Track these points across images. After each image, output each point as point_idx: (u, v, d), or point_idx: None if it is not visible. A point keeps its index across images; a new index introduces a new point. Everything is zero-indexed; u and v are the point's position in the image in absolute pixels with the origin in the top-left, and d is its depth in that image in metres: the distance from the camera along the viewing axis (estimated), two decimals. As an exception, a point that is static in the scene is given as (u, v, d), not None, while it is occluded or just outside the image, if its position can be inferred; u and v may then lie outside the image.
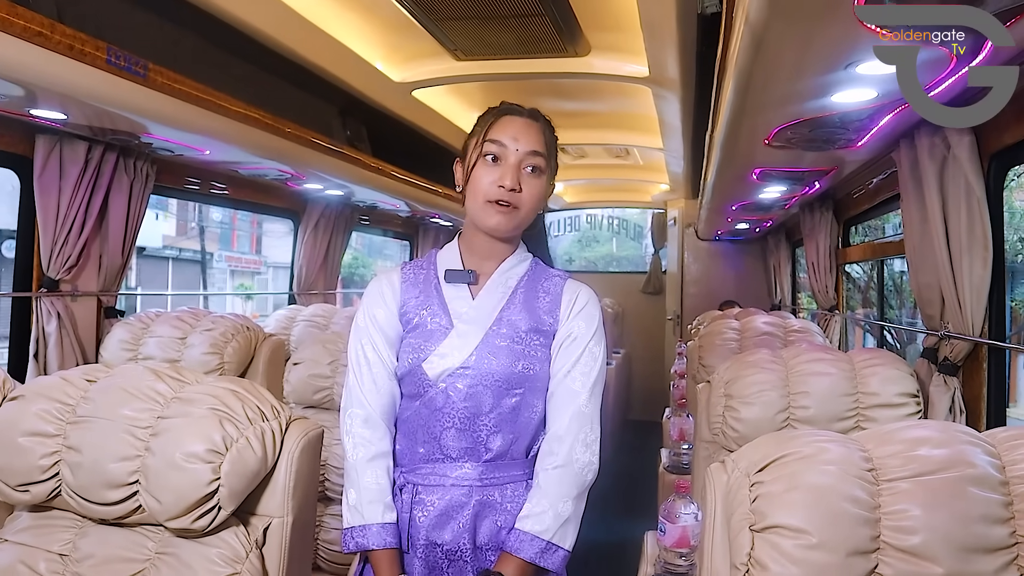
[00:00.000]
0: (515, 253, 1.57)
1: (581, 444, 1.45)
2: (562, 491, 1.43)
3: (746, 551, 1.17)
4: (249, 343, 3.19)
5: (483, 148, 1.49)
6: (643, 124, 5.09)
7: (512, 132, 1.48)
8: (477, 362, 1.46)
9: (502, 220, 1.47)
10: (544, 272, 1.58)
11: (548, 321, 1.51)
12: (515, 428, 1.47)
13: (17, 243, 3.13)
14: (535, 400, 1.49)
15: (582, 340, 1.50)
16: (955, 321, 2.29)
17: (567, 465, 1.44)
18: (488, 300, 1.51)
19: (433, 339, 1.48)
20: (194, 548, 1.42)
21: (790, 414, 2.19)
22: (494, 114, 1.52)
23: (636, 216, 9.74)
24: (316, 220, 5.14)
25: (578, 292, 1.54)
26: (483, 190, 1.47)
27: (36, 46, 2.08)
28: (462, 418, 1.45)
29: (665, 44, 3.16)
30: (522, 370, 1.46)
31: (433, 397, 1.46)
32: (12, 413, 1.49)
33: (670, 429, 3.55)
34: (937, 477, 1.13)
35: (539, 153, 1.49)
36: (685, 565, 1.99)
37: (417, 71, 3.98)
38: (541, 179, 1.50)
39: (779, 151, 2.90)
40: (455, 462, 1.46)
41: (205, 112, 2.82)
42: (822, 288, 4.56)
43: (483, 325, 1.48)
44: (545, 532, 1.41)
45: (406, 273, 1.58)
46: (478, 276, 1.54)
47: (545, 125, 1.54)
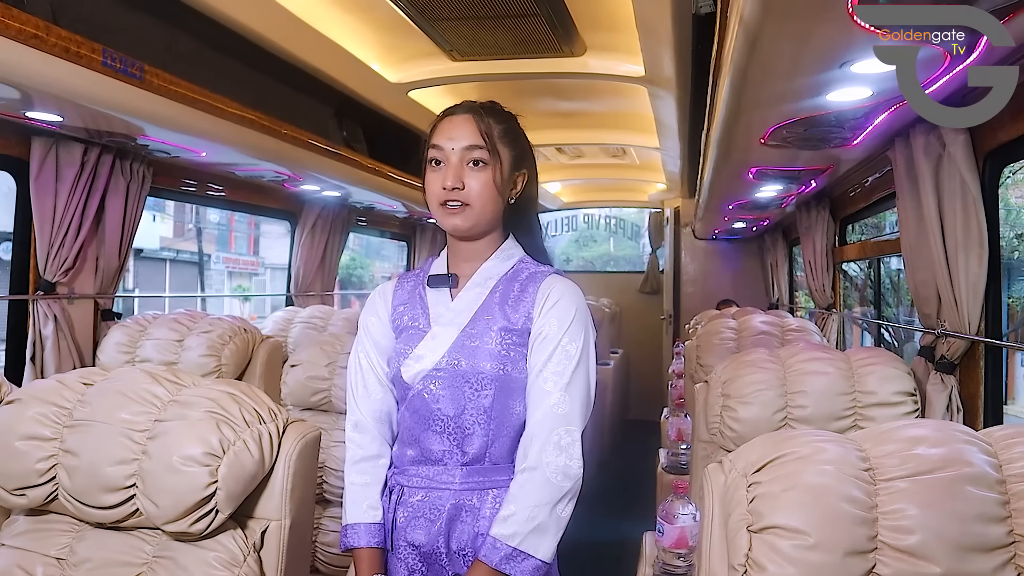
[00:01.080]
0: (498, 252, 1.54)
1: (553, 447, 1.39)
2: (532, 496, 1.38)
3: (744, 552, 1.17)
4: (247, 345, 3.19)
5: (427, 154, 1.50)
6: (639, 124, 5.09)
7: (448, 132, 1.47)
8: (448, 363, 1.45)
9: (457, 220, 1.47)
10: (528, 268, 1.54)
11: (521, 320, 1.47)
12: (491, 430, 1.45)
13: (13, 246, 3.12)
14: (510, 401, 1.45)
15: (553, 338, 1.44)
16: (952, 319, 2.29)
17: (536, 468, 1.39)
18: (464, 301, 1.51)
19: (412, 343, 1.50)
20: (192, 551, 1.42)
21: (788, 413, 2.19)
22: (437, 119, 1.53)
23: (634, 216, 9.75)
24: (313, 221, 5.14)
25: (552, 288, 1.48)
26: (434, 194, 1.48)
27: (31, 48, 2.08)
28: (439, 420, 1.45)
29: (661, 44, 3.16)
30: (492, 369, 1.43)
31: (412, 399, 1.47)
32: (9, 417, 1.49)
33: (668, 429, 3.56)
34: (934, 476, 1.13)
35: (477, 146, 1.46)
36: (683, 566, 1.99)
37: (413, 72, 3.98)
38: (486, 170, 1.46)
39: (775, 150, 2.90)
40: (436, 465, 1.47)
41: (201, 114, 2.82)
42: (819, 287, 4.57)
43: (458, 326, 1.48)
44: (511, 538, 1.36)
45: (400, 282, 1.61)
46: (459, 279, 1.54)
47: (483, 116, 1.49)
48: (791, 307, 6.28)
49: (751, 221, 5.89)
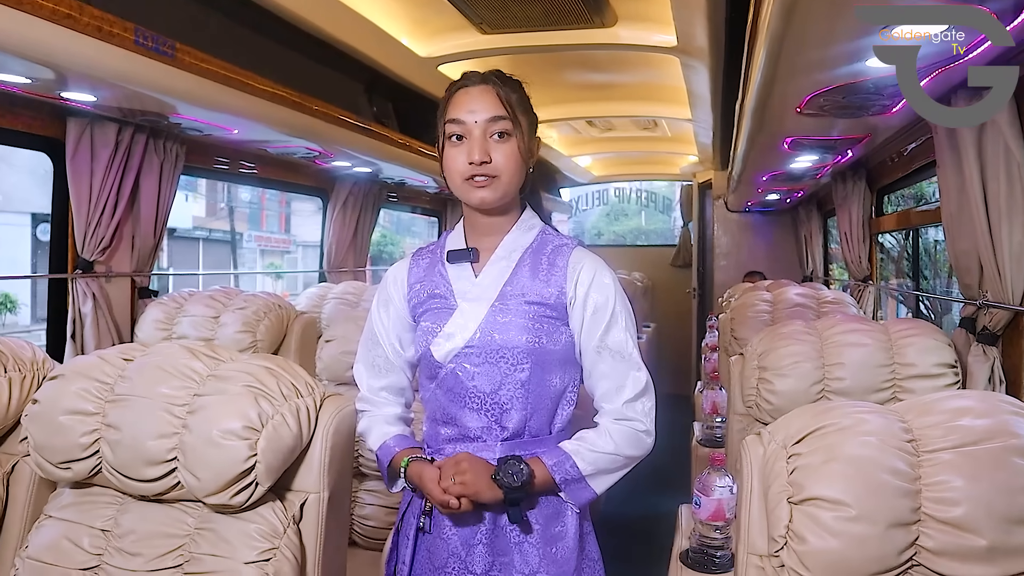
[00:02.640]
0: (518, 224, 1.53)
1: (643, 413, 1.45)
2: (620, 441, 1.43)
3: (784, 523, 1.16)
4: (281, 321, 3.22)
5: (446, 130, 1.47)
6: (671, 95, 5.03)
7: (468, 105, 1.45)
8: (482, 339, 1.44)
9: (484, 194, 1.45)
10: (551, 240, 1.53)
11: (554, 293, 1.46)
12: (529, 403, 1.44)
13: (52, 225, 3.17)
14: (547, 374, 1.45)
15: (604, 310, 1.45)
16: (994, 289, 2.24)
17: (632, 420, 1.44)
18: (490, 276, 1.49)
19: (439, 321, 1.48)
20: (232, 523, 1.44)
21: (825, 386, 2.17)
22: (449, 91, 1.51)
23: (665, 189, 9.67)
24: (344, 198, 5.16)
25: (583, 262, 1.48)
26: (456, 170, 1.45)
27: (65, 28, 2.09)
28: (475, 397, 1.44)
29: (693, 12, 3.10)
30: (527, 343, 1.43)
31: (444, 378, 1.47)
32: (52, 392, 1.52)
33: (702, 402, 3.54)
34: (980, 448, 1.11)
35: (500, 116, 1.44)
36: (720, 538, 1.98)
37: (443, 45, 3.96)
38: (511, 141, 1.44)
39: (811, 119, 2.85)
40: (475, 442, 1.46)
41: (232, 91, 2.83)
42: (855, 258, 4.50)
43: (487, 301, 1.46)
44: (586, 468, 1.41)
45: (415, 260, 1.59)
46: (479, 253, 1.52)
47: (502, 85, 1.47)
48: (826, 280, 6.21)
49: (785, 193, 5.81)
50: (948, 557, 1.08)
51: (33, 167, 11.30)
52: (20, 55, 2.15)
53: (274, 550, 1.40)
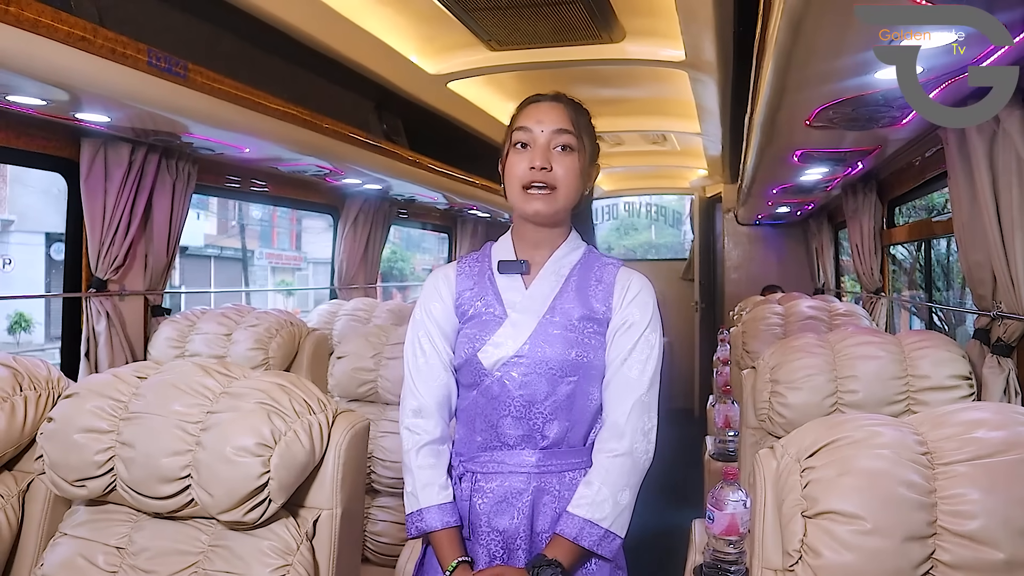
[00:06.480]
0: (567, 241, 1.56)
1: (641, 434, 1.46)
2: (622, 480, 1.43)
3: (799, 537, 1.16)
4: (293, 338, 3.23)
5: (512, 138, 1.51)
6: (680, 109, 5.04)
7: (536, 116, 1.50)
8: (531, 350, 1.46)
9: (540, 205, 1.47)
10: (597, 260, 1.57)
11: (601, 309, 1.50)
12: (571, 416, 1.47)
13: (66, 245, 3.20)
14: (590, 388, 1.48)
15: (637, 327, 1.49)
16: (1008, 300, 2.23)
17: (629, 454, 1.44)
18: (541, 289, 1.52)
19: (488, 329, 1.49)
20: (246, 540, 1.44)
21: (838, 399, 2.15)
22: (521, 105, 1.55)
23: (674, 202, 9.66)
24: (355, 215, 5.18)
25: (631, 279, 1.53)
26: (517, 176, 1.48)
27: (80, 51, 2.12)
28: (518, 406, 1.46)
29: (702, 27, 3.12)
30: (576, 357, 1.46)
31: (489, 386, 1.48)
32: (67, 410, 1.53)
33: (715, 416, 3.52)
34: (996, 460, 1.10)
35: (566, 130, 1.48)
36: (734, 553, 1.97)
37: (452, 63, 3.98)
38: (573, 156, 1.49)
39: (820, 132, 2.85)
40: (512, 449, 1.47)
41: (244, 110, 2.85)
42: (867, 270, 4.48)
43: (536, 314, 1.49)
44: (604, 520, 1.41)
45: (462, 267, 1.60)
46: (530, 266, 1.54)
47: (571, 105, 1.53)
48: (837, 292, 6.18)
49: (795, 205, 5.79)
50: (965, 571, 1.07)
51: (47, 187, 11.41)
52: (35, 77, 2.18)
53: (287, 567, 1.41)
